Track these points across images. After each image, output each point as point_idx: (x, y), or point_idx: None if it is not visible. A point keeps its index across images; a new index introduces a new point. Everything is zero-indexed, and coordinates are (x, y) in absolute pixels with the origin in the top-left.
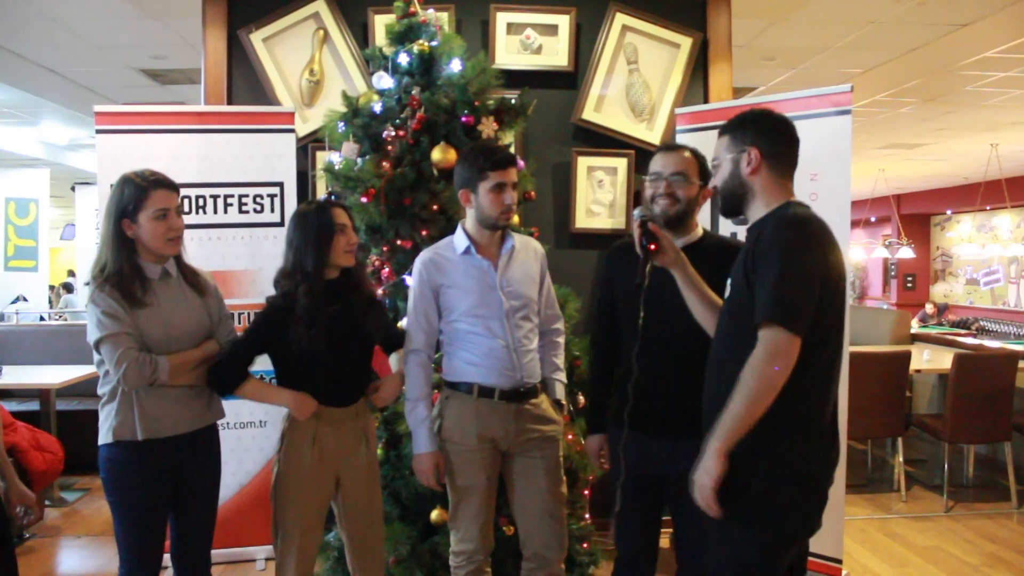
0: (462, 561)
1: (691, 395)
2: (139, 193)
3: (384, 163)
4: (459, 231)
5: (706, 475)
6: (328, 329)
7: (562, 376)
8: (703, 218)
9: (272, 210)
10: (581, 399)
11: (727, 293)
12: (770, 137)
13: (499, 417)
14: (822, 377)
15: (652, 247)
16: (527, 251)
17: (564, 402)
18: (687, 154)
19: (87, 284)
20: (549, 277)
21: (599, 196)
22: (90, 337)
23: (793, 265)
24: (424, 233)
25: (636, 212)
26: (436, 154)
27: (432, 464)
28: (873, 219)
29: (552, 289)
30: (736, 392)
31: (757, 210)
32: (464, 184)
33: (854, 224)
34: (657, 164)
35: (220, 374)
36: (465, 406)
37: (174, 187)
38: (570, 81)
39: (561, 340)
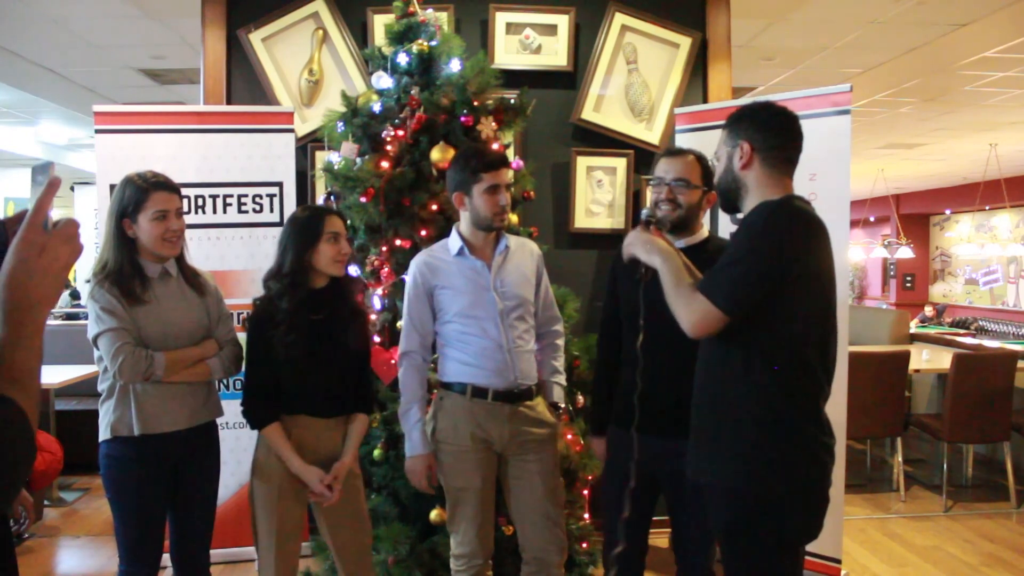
0: (462, 565)
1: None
2: (139, 194)
3: (383, 163)
4: (453, 233)
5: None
6: (308, 338)
7: (561, 379)
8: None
9: (271, 210)
10: (580, 399)
11: None
12: (764, 131)
13: (493, 418)
14: (811, 375)
15: None
16: (523, 252)
17: (562, 405)
18: (690, 158)
19: (88, 281)
20: (547, 278)
21: (598, 196)
22: (89, 332)
23: (751, 248)
24: (423, 233)
25: (644, 212)
26: (435, 154)
27: (424, 466)
28: (872, 219)
29: (550, 290)
30: (683, 283)
31: (751, 206)
32: (457, 187)
33: (853, 224)
34: (660, 168)
35: (248, 410)
36: (459, 406)
37: (175, 189)
38: (569, 81)
39: (560, 342)
